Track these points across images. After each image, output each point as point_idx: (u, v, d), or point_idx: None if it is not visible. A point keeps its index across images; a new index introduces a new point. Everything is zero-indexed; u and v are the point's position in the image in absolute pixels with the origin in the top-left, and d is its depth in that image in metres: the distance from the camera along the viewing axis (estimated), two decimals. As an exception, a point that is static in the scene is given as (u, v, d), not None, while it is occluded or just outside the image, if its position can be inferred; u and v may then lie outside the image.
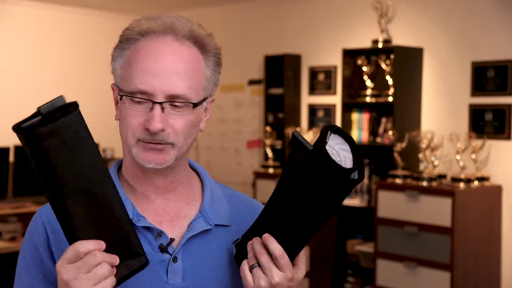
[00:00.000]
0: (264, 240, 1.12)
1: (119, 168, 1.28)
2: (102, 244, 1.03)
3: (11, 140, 5.47)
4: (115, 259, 1.04)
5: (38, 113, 0.99)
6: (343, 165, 1.06)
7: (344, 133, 1.08)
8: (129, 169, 1.24)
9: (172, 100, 1.15)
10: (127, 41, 1.20)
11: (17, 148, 5.43)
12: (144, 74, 1.15)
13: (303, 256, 1.17)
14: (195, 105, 1.17)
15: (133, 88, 1.16)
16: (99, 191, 1.03)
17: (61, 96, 1.00)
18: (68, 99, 1.03)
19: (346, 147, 1.08)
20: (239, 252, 1.18)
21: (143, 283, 1.17)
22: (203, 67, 1.20)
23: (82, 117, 1.01)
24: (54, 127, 0.98)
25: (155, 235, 1.19)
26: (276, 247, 1.11)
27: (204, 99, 1.21)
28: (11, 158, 5.48)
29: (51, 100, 1.00)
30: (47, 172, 1.00)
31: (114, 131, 7.72)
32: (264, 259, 1.11)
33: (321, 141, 1.05)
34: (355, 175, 1.05)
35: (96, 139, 6.29)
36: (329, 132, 1.06)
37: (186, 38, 1.18)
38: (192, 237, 1.21)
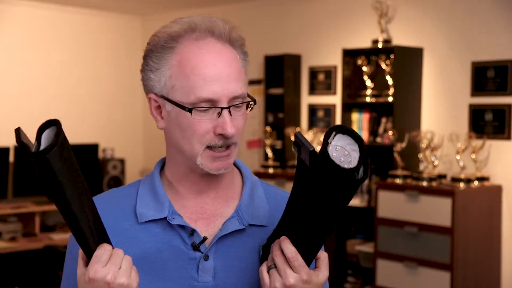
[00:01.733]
0: (280, 242, 1.13)
1: (162, 166, 1.31)
2: (111, 246, 1.12)
3: (11, 140, 5.47)
4: None
5: (23, 142, 1.01)
6: (352, 164, 1.05)
7: (353, 132, 1.07)
8: (175, 170, 1.26)
9: (235, 102, 1.18)
10: (164, 49, 1.19)
11: (17, 148, 5.43)
12: (206, 83, 1.16)
13: (325, 258, 1.17)
14: (255, 101, 1.22)
15: (196, 98, 1.16)
16: (86, 194, 1.09)
17: (19, 127, 1.03)
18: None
19: (356, 147, 1.07)
20: (265, 254, 1.19)
21: (174, 279, 1.20)
22: (240, 62, 1.22)
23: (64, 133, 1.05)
24: (60, 147, 1.02)
25: (188, 233, 1.21)
26: (289, 249, 1.11)
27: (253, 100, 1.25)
28: (11, 158, 5.48)
29: (20, 133, 1.02)
30: (58, 193, 1.04)
31: (114, 131, 7.72)
32: (279, 260, 1.12)
33: (324, 142, 1.05)
34: (359, 174, 1.05)
35: (96, 139, 6.31)
36: (334, 133, 1.06)
37: (223, 40, 1.21)
38: (225, 237, 1.22)
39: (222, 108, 1.16)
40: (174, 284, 1.20)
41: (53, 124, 1.04)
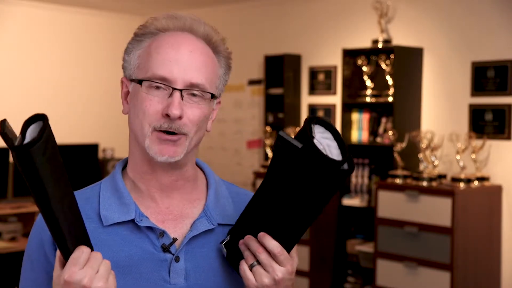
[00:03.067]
0: (260, 239, 1.12)
1: (124, 167, 1.28)
2: (89, 249, 1.08)
3: (11, 140, 5.47)
4: None
5: (5, 134, 0.99)
6: (328, 153, 1.07)
7: (325, 122, 1.09)
8: (135, 166, 1.23)
9: (191, 88, 1.17)
10: (144, 34, 1.21)
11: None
12: (165, 62, 1.16)
13: (295, 246, 1.18)
14: (212, 95, 1.20)
15: (152, 74, 1.16)
16: (69, 194, 1.06)
17: (4, 119, 1.01)
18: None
19: (328, 135, 1.09)
20: (231, 252, 1.18)
21: (146, 282, 1.18)
22: (217, 65, 1.23)
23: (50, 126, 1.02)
24: (44, 142, 0.98)
25: (157, 234, 1.19)
26: (273, 244, 1.11)
27: (215, 97, 1.23)
28: (11, 158, 5.48)
29: (4, 125, 1.00)
30: (39, 189, 1.01)
31: (114, 131, 7.72)
32: (264, 256, 1.12)
33: (309, 136, 1.05)
34: (345, 166, 1.06)
35: (96, 139, 6.31)
36: (312, 125, 1.07)
37: (202, 39, 1.22)
38: (195, 237, 1.21)
39: (174, 89, 1.15)
40: (146, 287, 1.17)
41: (41, 118, 1.01)
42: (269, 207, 1.12)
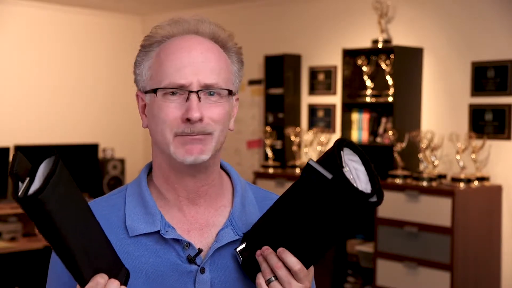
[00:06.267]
0: (280, 254, 1.11)
1: (149, 172, 1.27)
2: (106, 276, 1.05)
3: (11, 140, 5.47)
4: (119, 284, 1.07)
5: (16, 175, 0.95)
6: (356, 179, 1.05)
7: (354, 146, 1.07)
8: (160, 173, 1.21)
9: (207, 88, 1.15)
10: (151, 44, 1.20)
11: (17, 148, 5.42)
12: (177, 68, 1.14)
13: None
14: (230, 92, 1.18)
15: (167, 83, 1.15)
16: (89, 227, 1.04)
17: (18, 152, 0.97)
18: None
19: (356, 158, 1.07)
20: (246, 259, 1.16)
21: None
22: (229, 62, 1.21)
23: (62, 162, 0.97)
24: (53, 184, 0.94)
25: (183, 246, 1.18)
26: (293, 261, 1.10)
27: (233, 93, 1.21)
28: (11, 158, 5.48)
29: (15, 160, 0.95)
30: (51, 231, 0.97)
31: (114, 131, 7.69)
32: (282, 272, 1.10)
33: (339, 166, 1.02)
34: (374, 198, 1.04)
35: (96, 139, 6.31)
36: (342, 153, 1.04)
37: (209, 39, 1.20)
38: (220, 247, 1.19)
39: (189, 92, 1.13)
40: None
41: (50, 155, 0.97)
42: (290, 224, 1.10)
